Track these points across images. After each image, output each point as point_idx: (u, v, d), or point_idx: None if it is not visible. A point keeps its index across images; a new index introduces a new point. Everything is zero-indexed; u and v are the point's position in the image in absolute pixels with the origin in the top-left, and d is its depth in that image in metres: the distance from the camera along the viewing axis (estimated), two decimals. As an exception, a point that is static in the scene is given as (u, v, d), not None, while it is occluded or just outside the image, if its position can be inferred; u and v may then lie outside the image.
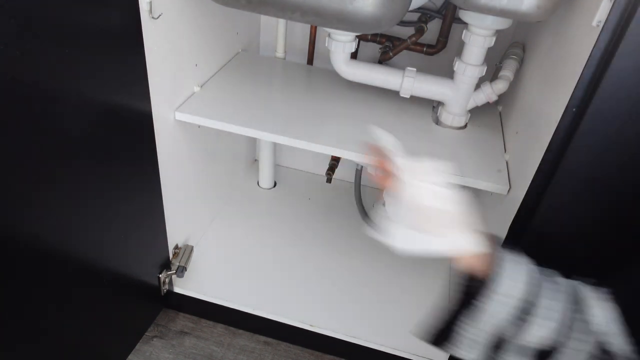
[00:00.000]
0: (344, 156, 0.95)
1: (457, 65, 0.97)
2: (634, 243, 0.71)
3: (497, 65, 1.10)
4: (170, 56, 0.90)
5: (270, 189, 1.51)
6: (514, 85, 1.02)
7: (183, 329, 1.18)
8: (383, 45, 1.21)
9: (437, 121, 1.07)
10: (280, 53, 1.29)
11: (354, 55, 1.15)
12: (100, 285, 0.88)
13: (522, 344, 0.52)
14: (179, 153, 1.04)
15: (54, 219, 0.70)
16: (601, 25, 0.61)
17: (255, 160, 1.60)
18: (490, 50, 0.96)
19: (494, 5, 0.76)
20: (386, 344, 1.06)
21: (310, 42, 1.29)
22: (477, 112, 1.07)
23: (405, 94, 1.03)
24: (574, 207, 0.72)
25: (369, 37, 1.22)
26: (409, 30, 1.19)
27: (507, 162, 0.95)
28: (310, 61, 1.32)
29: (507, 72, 1.00)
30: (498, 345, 0.54)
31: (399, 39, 1.20)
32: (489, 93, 1.01)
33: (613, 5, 0.59)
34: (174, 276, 1.11)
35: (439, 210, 0.53)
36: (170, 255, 1.11)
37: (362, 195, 1.45)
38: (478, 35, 0.92)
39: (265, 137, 0.96)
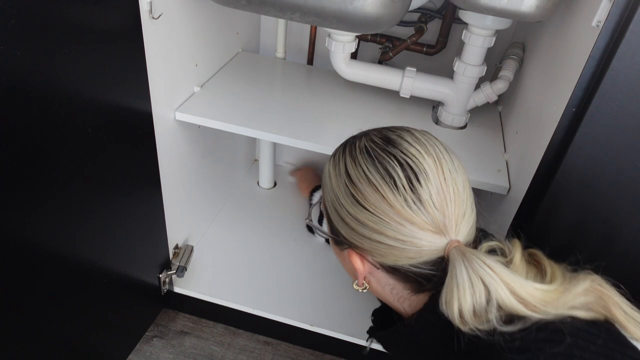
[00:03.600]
0: (344, 156, 0.95)
1: (457, 65, 0.98)
2: (633, 243, 0.72)
3: (497, 65, 1.10)
4: (170, 56, 0.90)
5: (270, 189, 1.51)
6: (514, 85, 1.02)
7: (183, 329, 1.18)
8: (383, 46, 1.21)
9: (437, 121, 1.07)
10: (280, 53, 1.29)
11: (354, 55, 1.15)
12: (100, 285, 0.88)
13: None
14: (179, 153, 1.04)
15: (53, 219, 0.70)
16: (601, 25, 0.61)
17: (255, 160, 1.60)
18: (490, 50, 0.96)
19: (494, 5, 0.76)
20: (386, 344, 1.06)
21: (310, 42, 1.29)
22: (477, 112, 1.07)
23: (405, 94, 1.03)
24: (574, 207, 0.72)
25: (369, 37, 1.22)
26: (409, 30, 1.19)
27: (507, 162, 0.95)
28: (310, 61, 1.32)
29: (507, 72, 1.00)
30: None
31: (399, 39, 1.20)
32: (489, 93, 1.01)
33: (613, 5, 0.59)
34: (174, 276, 1.11)
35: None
36: (170, 255, 1.12)
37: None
38: (478, 35, 0.92)
39: (265, 137, 0.96)
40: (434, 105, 1.11)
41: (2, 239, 0.62)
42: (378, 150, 0.53)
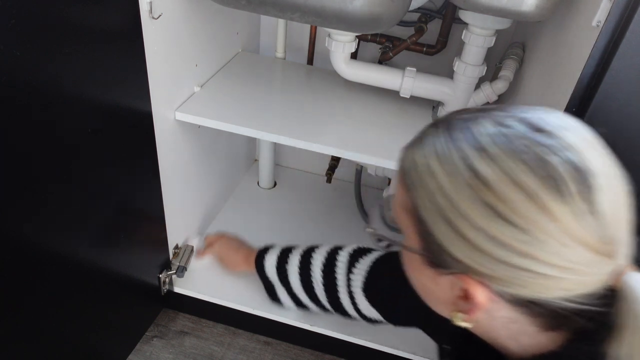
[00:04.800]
0: (344, 156, 0.95)
1: (457, 65, 0.98)
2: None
3: (497, 65, 1.10)
4: (170, 56, 0.90)
5: (270, 189, 1.51)
6: (514, 85, 1.02)
7: (183, 329, 1.18)
8: (383, 45, 1.21)
9: (437, 121, 1.06)
10: (280, 53, 1.29)
11: (354, 55, 1.15)
12: (100, 286, 0.88)
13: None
14: (179, 153, 1.04)
15: (53, 219, 0.70)
16: (601, 25, 0.61)
17: (255, 160, 1.60)
18: (490, 50, 0.96)
19: (494, 5, 0.76)
20: (386, 343, 1.06)
21: (310, 42, 1.29)
22: (477, 112, 1.07)
23: (405, 94, 1.03)
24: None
25: (369, 37, 1.22)
26: (409, 30, 1.19)
27: (507, 162, 0.95)
28: (310, 61, 1.32)
29: (507, 72, 1.00)
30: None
31: (398, 39, 1.20)
32: (489, 93, 1.01)
33: (613, 5, 0.59)
34: (174, 276, 1.11)
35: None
36: (170, 255, 1.11)
37: (362, 195, 1.46)
38: (478, 35, 0.92)
39: (265, 137, 0.96)
40: (434, 105, 1.11)
41: (2, 239, 0.62)
42: (526, 141, 0.38)
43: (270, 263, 1.01)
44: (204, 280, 1.16)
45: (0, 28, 0.52)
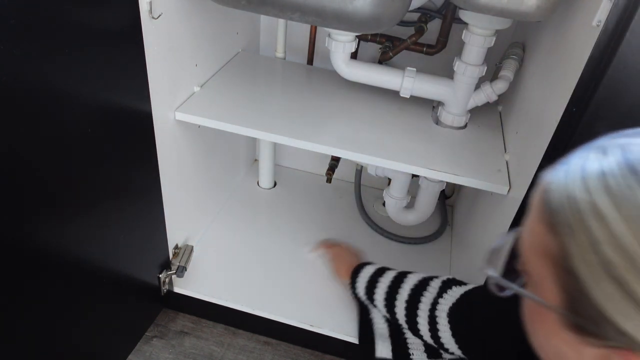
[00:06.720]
0: (344, 156, 0.95)
1: (457, 65, 0.98)
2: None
3: (497, 65, 1.10)
4: (170, 56, 0.90)
5: (270, 189, 1.51)
6: (514, 85, 1.02)
7: (183, 329, 1.18)
8: (383, 45, 1.21)
9: (437, 121, 1.07)
10: (280, 53, 1.29)
11: (354, 55, 1.15)
12: (100, 285, 0.88)
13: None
14: (178, 153, 1.04)
15: (53, 219, 0.70)
16: (601, 25, 0.61)
17: (255, 160, 1.60)
18: (490, 50, 0.96)
19: (494, 5, 0.76)
20: (386, 344, 1.06)
21: (310, 42, 1.29)
22: (477, 112, 1.07)
23: (405, 94, 1.03)
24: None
25: (369, 37, 1.22)
26: (409, 30, 1.18)
27: (507, 162, 0.95)
28: (310, 61, 1.32)
29: (507, 72, 1.00)
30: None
31: (399, 39, 1.20)
32: (489, 93, 1.01)
33: (613, 5, 0.59)
34: (174, 276, 1.11)
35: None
36: (170, 255, 1.11)
37: (362, 195, 1.46)
38: (478, 35, 0.92)
39: (265, 137, 0.96)
40: (434, 105, 1.11)
41: (2, 239, 0.62)
42: None
43: (366, 273, 0.97)
44: (204, 280, 1.16)
45: (0, 28, 0.52)
